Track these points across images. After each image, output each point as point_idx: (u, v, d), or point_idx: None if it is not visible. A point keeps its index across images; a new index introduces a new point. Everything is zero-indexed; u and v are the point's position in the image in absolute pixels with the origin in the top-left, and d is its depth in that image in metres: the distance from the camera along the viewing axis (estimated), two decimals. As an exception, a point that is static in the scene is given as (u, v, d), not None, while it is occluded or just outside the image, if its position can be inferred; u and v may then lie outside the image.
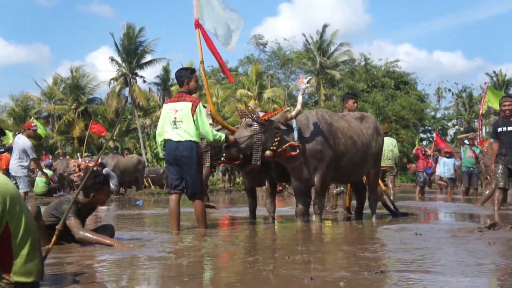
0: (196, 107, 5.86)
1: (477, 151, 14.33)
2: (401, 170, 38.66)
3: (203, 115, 5.92)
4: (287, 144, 6.14)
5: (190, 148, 5.86)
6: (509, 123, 8.43)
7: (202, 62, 6.59)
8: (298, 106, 6.29)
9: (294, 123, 6.24)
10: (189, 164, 5.88)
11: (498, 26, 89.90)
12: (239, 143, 6.05)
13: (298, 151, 6.19)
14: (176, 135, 5.89)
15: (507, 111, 8.46)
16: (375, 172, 7.25)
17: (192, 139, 5.87)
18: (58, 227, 3.73)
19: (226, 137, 6.04)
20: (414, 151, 19.49)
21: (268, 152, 6.11)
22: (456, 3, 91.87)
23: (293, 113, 6.27)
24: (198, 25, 6.42)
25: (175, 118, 5.91)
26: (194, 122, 5.85)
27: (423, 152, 18.54)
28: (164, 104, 6.20)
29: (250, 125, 6.13)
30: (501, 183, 8.38)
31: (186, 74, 6.17)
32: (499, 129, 8.52)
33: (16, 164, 10.39)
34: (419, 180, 17.45)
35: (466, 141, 14.76)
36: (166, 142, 5.99)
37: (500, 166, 8.41)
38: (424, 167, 17.81)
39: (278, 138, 6.12)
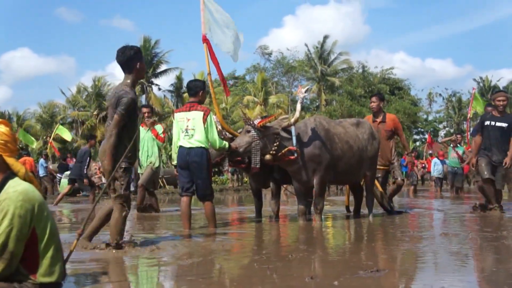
0: (207, 116, 5.88)
1: (460, 152, 14.32)
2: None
3: (213, 124, 5.94)
4: (285, 149, 6.13)
5: (200, 154, 5.86)
6: (499, 119, 7.45)
7: (209, 73, 6.63)
8: (297, 114, 6.28)
9: (293, 130, 6.23)
10: (200, 169, 5.88)
11: (486, 35, 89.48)
12: (238, 149, 6.06)
13: (296, 155, 6.18)
14: (188, 143, 5.90)
15: (500, 106, 7.44)
16: (371, 174, 7.18)
17: (203, 146, 5.88)
18: (78, 231, 3.70)
19: (229, 144, 6.07)
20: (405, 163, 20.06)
21: (268, 156, 6.11)
22: (447, 14, 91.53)
23: (292, 120, 6.26)
24: (205, 39, 6.43)
25: (187, 126, 5.92)
26: (205, 130, 5.87)
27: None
28: (175, 113, 6.18)
29: (248, 131, 6.14)
30: (486, 174, 7.33)
31: (201, 85, 6.18)
32: (487, 123, 7.53)
33: None
34: (414, 180, 17.77)
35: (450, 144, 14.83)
36: (178, 148, 6.00)
37: (483, 159, 7.42)
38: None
39: (277, 143, 6.11)
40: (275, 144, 6.10)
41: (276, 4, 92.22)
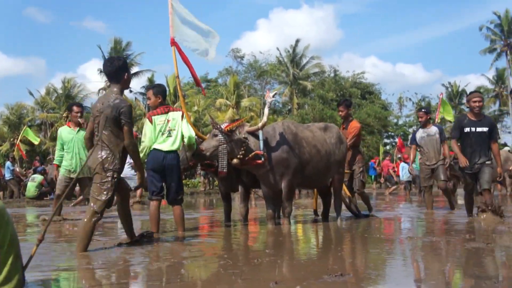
0: (183, 115, 6.05)
1: None
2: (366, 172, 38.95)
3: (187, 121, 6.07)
4: (253, 153, 6.14)
5: (176, 158, 5.97)
6: (478, 123, 7.02)
7: (177, 76, 6.62)
8: (264, 118, 6.31)
9: (260, 134, 6.26)
10: (176, 172, 5.96)
11: (455, 41, 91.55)
12: (205, 152, 6.07)
13: (263, 159, 6.20)
14: (165, 145, 5.92)
15: (476, 107, 7.01)
16: (339, 178, 7.25)
17: (177, 149, 6.00)
18: (39, 237, 3.63)
19: (196, 146, 6.10)
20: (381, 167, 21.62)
21: (235, 160, 6.13)
22: (418, 20, 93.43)
23: (260, 124, 6.29)
24: (174, 43, 6.41)
25: (169, 127, 5.98)
26: (182, 128, 5.98)
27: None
28: (154, 116, 6.08)
29: (215, 135, 6.15)
30: (470, 190, 7.29)
31: (166, 91, 6.32)
32: (466, 129, 7.03)
33: (127, 167, 10.35)
34: (392, 182, 20.44)
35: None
36: (152, 151, 5.96)
37: (467, 176, 7.15)
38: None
39: (244, 147, 6.13)
40: (242, 149, 6.11)
41: (249, 7, 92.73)
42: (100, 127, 4.63)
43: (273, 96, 6.42)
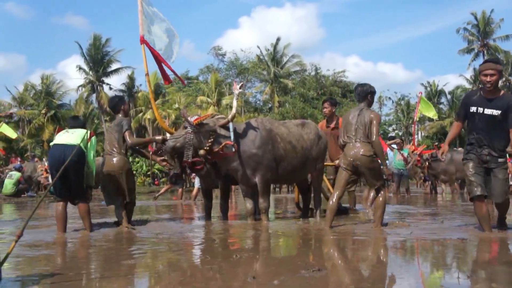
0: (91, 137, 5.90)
1: (405, 154, 14.67)
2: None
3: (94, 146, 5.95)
4: (223, 144, 6.18)
5: (78, 153, 5.45)
6: (488, 104, 5.13)
7: (147, 74, 6.61)
8: (233, 110, 6.37)
9: (230, 126, 6.30)
10: (77, 168, 5.63)
11: (435, 41, 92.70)
12: (175, 144, 6.15)
13: (234, 150, 6.23)
14: (63, 139, 5.75)
15: (488, 83, 5.06)
16: (317, 174, 7.27)
17: (77, 144, 5.54)
18: (18, 233, 3.57)
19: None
20: None
21: (202, 151, 6.19)
22: (399, 20, 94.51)
23: (229, 117, 6.36)
24: (143, 41, 6.41)
25: (67, 131, 5.91)
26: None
27: None
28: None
29: (185, 127, 6.25)
30: (477, 190, 5.10)
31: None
32: (472, 109, 5.22)
33: None
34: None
35: (394, 146, 15.07)
36: (51, 147, 5.77)
37: (471, 165, 5.21)
38: None
39: (212, 139, 6.19)
40: (209, 140, 6.17)
41: (232, 5, 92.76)
42: (114, 138, 6.17)
43: (240, 88, 6.47)
